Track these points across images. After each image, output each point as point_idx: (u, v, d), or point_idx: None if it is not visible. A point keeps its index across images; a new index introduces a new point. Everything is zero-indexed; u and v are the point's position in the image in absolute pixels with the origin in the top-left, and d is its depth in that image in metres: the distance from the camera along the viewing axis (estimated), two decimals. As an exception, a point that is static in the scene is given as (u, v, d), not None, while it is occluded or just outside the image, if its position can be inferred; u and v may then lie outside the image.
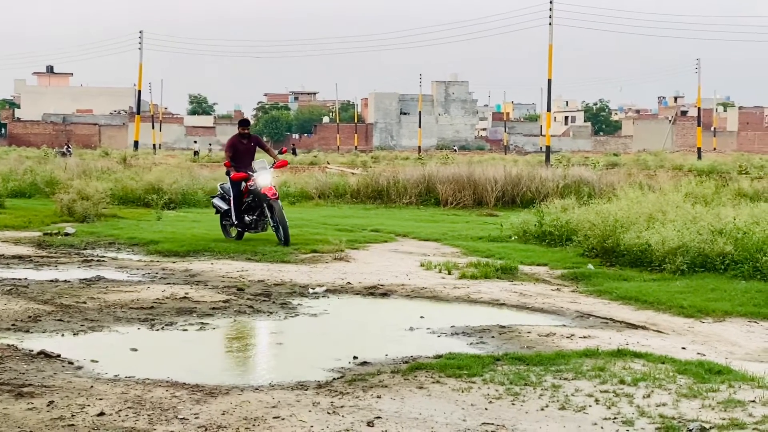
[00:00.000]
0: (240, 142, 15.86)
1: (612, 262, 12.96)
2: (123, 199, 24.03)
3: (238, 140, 15.87)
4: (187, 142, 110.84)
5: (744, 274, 11.29)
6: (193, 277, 11.84)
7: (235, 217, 15.45)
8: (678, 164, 47.13)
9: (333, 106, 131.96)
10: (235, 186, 15.51)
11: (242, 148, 15.80)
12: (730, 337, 8.45)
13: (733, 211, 13.95)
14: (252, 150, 15.93)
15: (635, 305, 9.96)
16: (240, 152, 15.69)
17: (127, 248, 15.17)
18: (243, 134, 15.89)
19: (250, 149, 15.91)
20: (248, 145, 15.89)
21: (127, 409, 5.81)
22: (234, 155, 15.64)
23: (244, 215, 15.42)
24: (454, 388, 6.38)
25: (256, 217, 15.36)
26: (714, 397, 6.15)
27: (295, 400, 6.08)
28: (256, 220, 15.39)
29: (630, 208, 14.22)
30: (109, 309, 9.41)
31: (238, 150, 15.74)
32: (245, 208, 15.41)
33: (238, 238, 15.62)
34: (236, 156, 15.63)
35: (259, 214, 15.29)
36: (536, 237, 15.82)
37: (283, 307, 9.78)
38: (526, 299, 10.41)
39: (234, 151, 15.71)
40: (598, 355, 7.29)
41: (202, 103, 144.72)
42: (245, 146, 15.85)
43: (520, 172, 25.85)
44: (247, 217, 15.42)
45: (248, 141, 15.91)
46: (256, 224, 15.43)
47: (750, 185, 24.05)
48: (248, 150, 15.83)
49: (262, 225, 15.37)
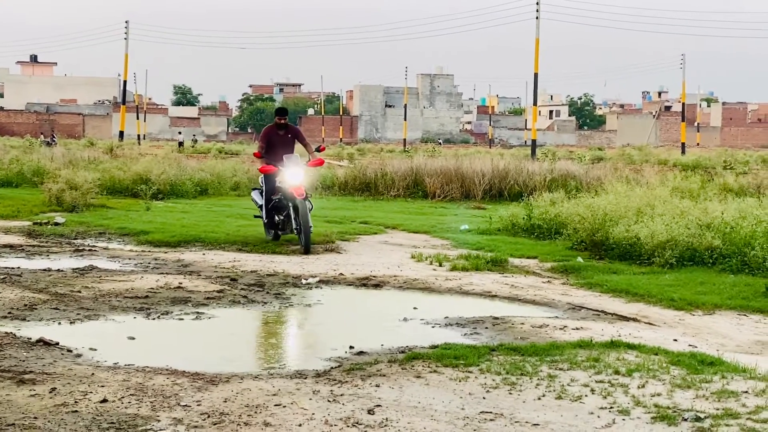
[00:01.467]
0: (275, 133, 14.41)
1: (601, 256, 13.07)
2: (111, 189, 23.99)
3: (274, 131, 14.45)
4: (171, 133, 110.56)
5: (732, 268, 11.43)
6: (185, 267, 11.87)
7: (265, 215, 14.38)
8: (663, 159, 47.36)
9: (318, 98, 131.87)
10: (268, 180, 14.30)
11: (277, 139, 14.35)
12: (720, 329, 8.57)
13: (720, 206, 14.09)
14: (288, 143, 14.44)
15: (626, 298, 10.07)
16: (274, 144, 14.27)
17: (117, 238, 15.17)
18: (280, 124, 14.43)
19: (287, 142, 14.44)
20: (284, 137, 14.44)
21: (130, 396, 5.87)
22: (267, 147, 14.28)
23: (274, 214, 14.18)
24: (452, 378, 6.46)
25: (284, 218, 13.98)
26: (707, 387, 6.26)
27: (295, 389, 6.15)
28: (284, 220, 13.99)
29: (618, 202, 14.34)
30: (104, 298, 9.44)
31: (273, 142, 14.32)
32: (273, 206, 14.17)
33: (274, 239, 14.37)
34: (270, 148, 14.26)
35: (287, 215, 13.89)
36: (525, 230, 15.92)
37: (277, 298, 9.85)
38: (518, 291, 10.51)
39: (268, 143, 14.33)
40: (592, 346, 7.39)
41: (186, 93, 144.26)
42: (281, 138, 14.39)
43: (507, 166, 25.95)
44: (277, 217, 14.13)
45: (285, 132, 14.46)
46: (284, 225, 14.04)
47: (735, 180, 24.25)
48: (284, 142, 14.37)
49: (290, 226, 13.90)
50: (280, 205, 13.96)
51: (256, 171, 28.36)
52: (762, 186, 22.65)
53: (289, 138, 14.46)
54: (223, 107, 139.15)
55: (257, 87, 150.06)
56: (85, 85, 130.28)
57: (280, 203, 13.95)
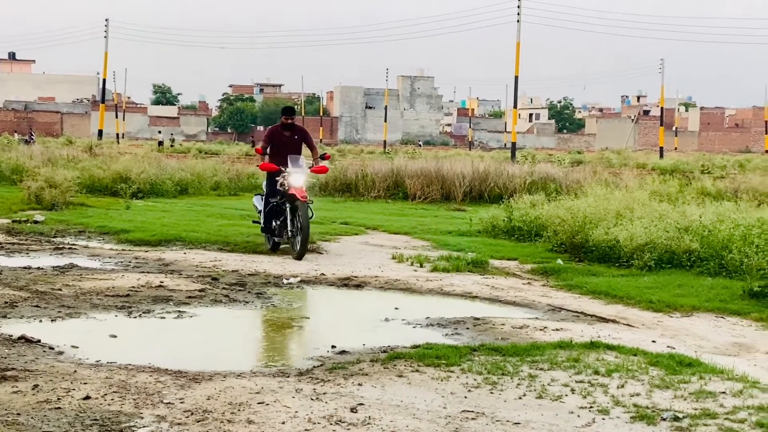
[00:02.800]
0: (281, 133, 13.39)
1: (581, 258, 13.17)
2: (90, 187, 23.91)
3: (279, 131, 13.43)
4: (150, 132, 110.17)
5: (710, 271, 11.55)
6: (166, 266, 11.87)
7: (262, 220, 13.47)
8: (641, 163, 47.68)
9: (298, 99, 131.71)
10: (270, 181, 13.35)
11: (282, 140, 13.32)
12: (698, 331, 8.67)
13: (698, 210, 14.21)
14: (295, 144, 13.42)
15: (605, 299, 10.16)
16: (279, 145, 13.27)
17: (97, 237, 15.14)
18: (286, 124, 13.45)
19: (293, 143, 13.39)
20: (290, 138, 13.39)
21: (113, 393, 5.88)
22: (272, 149, 13.26)
23: (271, 219, 13.30)
24: (434, 377, 6.51)
25: (281, 222, 13.18)
26: (686, 388, 6.34)
27: (278, 387, 6.17)
28: (281, 226, 13.18)
29: (598, 205, 14.44)
30: (85, 296, 9.43)
31: (278, 143, 13.29)
32: (270, 210, 13.27)
33: (273, 249, 13.44)
34: (274, 150, 13.27)
35: (283, 219, 13.12)
36: (505, 232, 16.01)
37: (258, 297, 9.87)
38: (498, 292, 10.57)
39: (271, 143, 13.29)
40: (572, 347, 7.46)
41: (166, 92, 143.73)
42: (287, 139, 13.36)
43: (487, 168, 26.05)
44: (273, 221, 13.28)
45: (291, 133, 13.45)
46: (280, 230, 13.20)
47: (712, 184, 24.45)
48: (289, 144, 13.35)
49: (286, 232, 13.10)
50: (278, 209, 13.20)
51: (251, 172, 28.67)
52: (739, 190, 22.84)
53: (295, 140, 13.46)
54: (202, 107, 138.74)
55: (237, 87, 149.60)
56: (64, 83, 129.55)
57: (278, 207, 13.20)
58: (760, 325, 8.99)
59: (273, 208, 13.22)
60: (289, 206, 12.91)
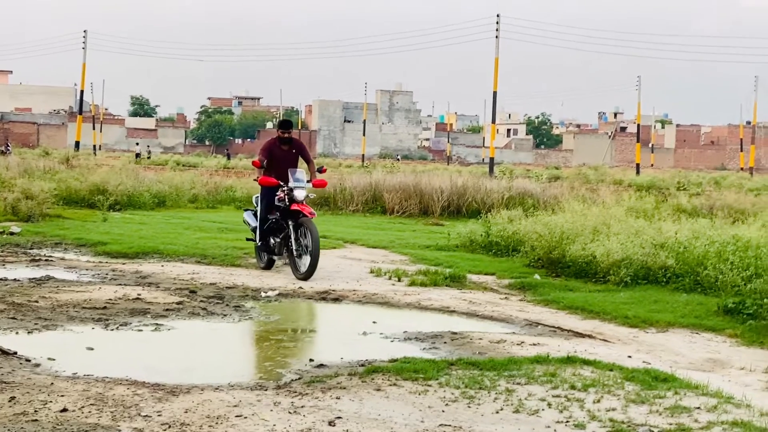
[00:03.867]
0: (279, 147, 12.98)
1: (558, 273, 13.24)
2: (67, 199, 23.78)
3: (276, 145, 13.01)
4: (128, 144, 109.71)
5: (685, 287, 11.64)
6: (144, 278, 11.84)
7: (258, 237, 12.96)
8: (618, 179, 48.02)
9: (277, 112, 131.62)
10: (264, 196, 12.86)
11: (280, 154, 12.93)
12: (673, 347, 8.74)
13: (674, 226, 14.33)
14: (292, 159, 13.04)
15: (582, 315, 10.22)
16: (277, 159, 12.87)
17: (74, 249, 15.07)
18: (283, 138, 13.04)
19: (290, 158, 13.01)
20: (288, 153, 13.00)
21: (90, 406, 5.86)
22: (268, 163, 12.84)
23: (269, 236, 12.81)
24: (411, 391, 6.54)
25: (280, 240, 12.63)
26: (661, 403, 6.40)
27: (256, 400, 6.18)
28: (280, 243, 12.63)
29: (575, 221, 14.54)
30: (61, 308, 9.39)
31: (275, 156, 12.89)
32: (268, 227, 12.77)
33: (267, 267, 13.08)
34: (271, 164, 12.87)
35: (284, 237, 12.55)
36: (483, 247, 16.07)
37: (236, 310, 9.86)
38: (476, 307, 10.62)
39: (270, 158, 12.87)
40: (548, 362, 7.51)
41: (144, 104, 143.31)
42: (284, 153, 12.96)
43: (465, 183, 26.15)
44: (272, 239, 12.76)
45: (289, 147, 13.04)
46: (280, 248, 12.65)
47: (688, 201, 24.64)
48: (287, 158, 12.96)
49: (289, 250, 12.53)
50: (277, 226, 12.63)
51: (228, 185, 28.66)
52: (714, 207, 23.04)
53: (293, 154, 13.06)
54: (180, 119, 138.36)
55: (216, 99, 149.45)
56: (41, 94, 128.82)
57: (278, 224, 12.63)
58: (734, 341, 9.07)
59: (272, 225, 12.72)
60: (291, 223, 12.37)
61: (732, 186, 41.94)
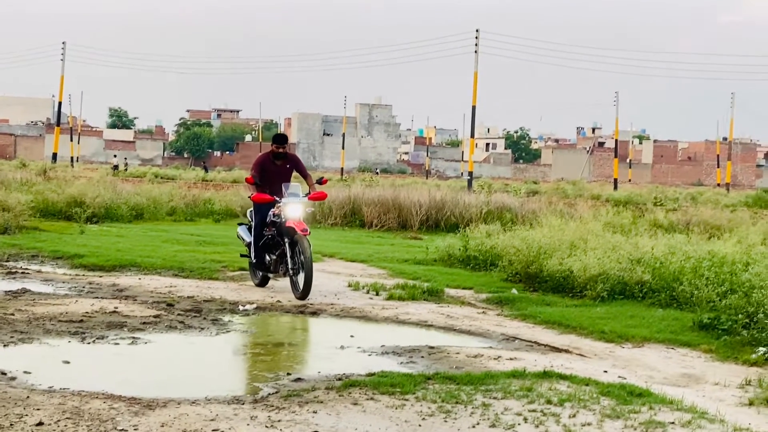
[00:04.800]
0: (272, 162, 12.54)
1: (535, 288, 13.30)
2: (44, 211, 23.64)
3: (270, 160, 12.57)
4: (105, 156, 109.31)
5: (661, 302, 11.73)
6: (121, 291, 11.80)
7: (253, 254, 12.52)
8: (596, 194, 48.25)
9: (256, 125, 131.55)
10: (259, 211, 12.46)
11: (273, 170, 12.47)
12: (649, 362, 8.80)
13: (650, 241, 14.44)
14: (286, 174, 12.60)
15: (558, 329, 10.27)
16: (270, 175, 12.42)
17: (50, 261, 15.00)
18: (277, 153, 12.57)
19: (284, 172, 12.57)
20: (282, 168, 12.56)
21: (66, 420, 5.84)
22: (262, 178, 12.40)
23: (265, 253, 12.39)
24: (388, 405, 6.56)
25: (276, 257, 12.21)
26: (636, 418, 6.44)
27: (233, 414, 6.18)
28: (276, 261, 12.21)
29: (552, 236, 14.61)
30: (38, 321, 9.35)
31: (268, 172, 12.45)
32: (264, 243, 12.35)
33: (261, 284, 12.72)
34: (264, 179, 12.41)
35: (280, 254, 12.14)
36: (461, 261, 16.11)
37: (214, 323, 9.85)
38: (453, 321, 10.65)
39: (262, 173, 12.43)
40: (525, 376, 7.54)
41: (122, 116, 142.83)
42: (277, 168, 12.52)
43: (444, 197, 26.20)
44: (268, 256, 12.34)
45: (283, 162, 12.58)
46: (276, 266, 12.23)
47: (665, 216, 24.81)
48: (281, 173, 12.52)
49: (284, 268, 12.10)
50: (273, 242, 12.23)
51: (207, 197, 28.57)
52: (691, 223, 23.19)
53: (287, 169, 12.63)
54: (159, 131, 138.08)
55: (195, 112, 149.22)
56: (18, 104, 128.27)
57: (273, 240, 12.23)
58: (709, 356, 9.15)
59: (267, 242, 12.33)
60: (287, 241, 11.92)
61: (708, 202, 42.25)
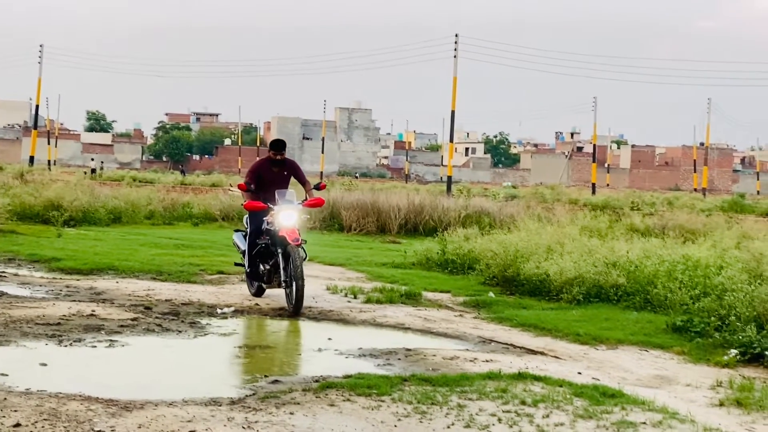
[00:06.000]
0: (268, 169, 11.90)
1: (512, 291, 13.41)
2: (21, 215, 23.53)
3: (267, 166, 11.94)
4: (83, 159, 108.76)
5: (636, 305, 11.86)
6: (98, 295, 11.80)
7: (247, 263, 11.96)
8: (574, 198, 48.51)
9: (235, 129, 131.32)
10: (253, 219, 11.85)
11: (270, 177, 11.83)
12: (622, 363, 8.92)
13: (626, 245, 14.58)
14: (284, 181, 11.95)
15: (534, 332, 10.37)
16: (266, 182, 11.78)
17: (27, 264, 14.97)
18: (275, 160, 11.92)
19: (281, 180, 11.91)
20: (279, 174, 11.90)
21: (43, 421, 5.87)
22: (258, 185, 11.79)
23: (259, 262, 11.78)
24: (364, 406, 6.62)
25: (270, 267, 11.63)
26: (608, 418, 6.54)
27: (210, 415, 6.23)
28: (270, 270, 11.62)
29: (530, 240, 14.74)
30: (15, 324, 9.35)
31: (264, 179, 11.80)
32: (257, 252, 11.78)
33: (257, 294, 12.17)
34: (260, 187, 11.79)
35: (274, 264, 11.56)
36: (439, 265, 16.21)
37: (192, 326, 9.88)
38: (430, 324, 10.73)
39: (258, 180, 11.80)
40: (500, 378, 7.63)
41: (100, 120, 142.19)
42: (274, 175, 11.86)
43: (423, 201, 26.31)
44: (261, 266, 11.72)
45: (280, 169, 11.92)
46: (270, 276, 11.64)
47: (641, 221, 24.98)
48: (277, 180, 11.87)
49: (278, 279, 11.49)
50: (267, 251, 11.68)
51: (186, 201, 28.49)
52: (667, 227, 23.38)
53: (284, 176, 11.99)
54: (137, 135, 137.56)
55: (174, 115, 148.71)
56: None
57: (267, 249, 11.68)
58: (681, 358, 9.27)
59: (261, 251, 11.78)
60: (280, 251, 11.36)
61: (684, 206, 42.59)
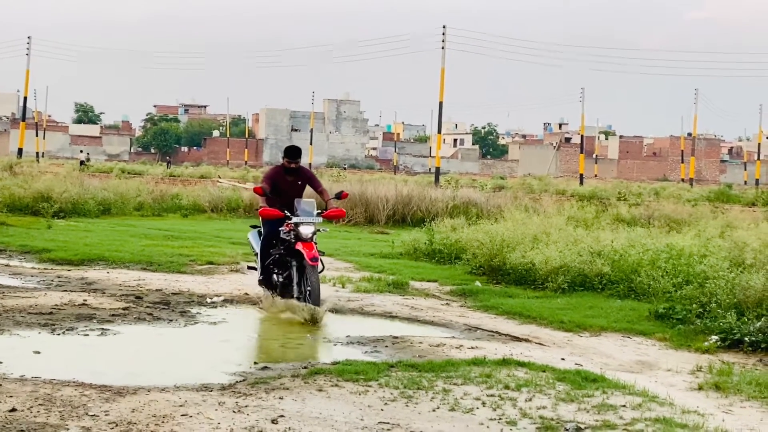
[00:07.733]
0: (283, 177, 11.29)
1: (498, 280, 13.59)
2: (11, 206, 23.62)
3: (281, 174, 11.33)
4: (71, 151, 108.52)
5: (619, 293, 12.06)
6: (90, 285, 11.93)
7: (259, 270, 11.23)
8: (561, 189, 48.71)
9: (224, 120, 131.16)
10: (266, 225, 11.19)
11: (285, 185, 11.22)
12: (605, 350, 9.11)
13: (611, 235, 14.78)
14: (299, 189, 11.42)
15: (519, 320, 10.56)
16: (281, 190, 11.15)
17: (18, 255, 15.08)
18: (289, 168, 11.31)
19: (296, 188, 11.36)
20: (294, 183, 11.33)
21: (39, 406, 6.02)
22: (273, 193, 11.12)
23: (273, 270, 11.04)
24: (352, 391, 6.79)
25: (284, 279, 10.93)
26: (589, 401, 6.72)
27: (201, 400, 6.38)
28: (284, 282, 10.91)
29: (516, 229, 14.92)
30: (7, 313, 9.49)
31: (280, 188, 11.17)
32: (271, 260, 11.05)
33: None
34: (275, 194, 11.15)
35: (288, 276, 10.88)
36: (426, 254, 16.38)
37: (182, 315, 10.04)
38: (417, 312, 10.90)
39: (273, 188, 11.15)
40: (485, 364, 7.81)
41: (88, 111, 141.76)
42: (289, 183, 11.28)
43: (411, 192, 26.48)
44: (275, 276, 11.01)
45: (295, 177, 11.35)
46: (284, 288, 10.87)
47: (628, 211, 25.23)
48: (292, 188, 11.31)
49: (291, 292, 10.74)
50: (281, 261, 10.98)
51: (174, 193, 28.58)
52: (653, 217, 23.64)
53: (299, 185, 11.46)
54: (126, 126, 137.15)
55: (162, 107, 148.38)
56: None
57: (282, 259, 10.97)
58: (663, 344, 9.47)
59: (275, 260, 11.09)
60: (295, 264, 10.75)
61: (671, 196, 42.84)
